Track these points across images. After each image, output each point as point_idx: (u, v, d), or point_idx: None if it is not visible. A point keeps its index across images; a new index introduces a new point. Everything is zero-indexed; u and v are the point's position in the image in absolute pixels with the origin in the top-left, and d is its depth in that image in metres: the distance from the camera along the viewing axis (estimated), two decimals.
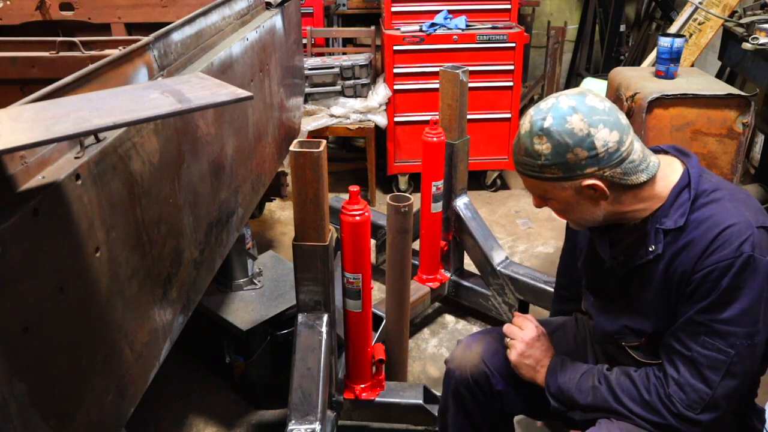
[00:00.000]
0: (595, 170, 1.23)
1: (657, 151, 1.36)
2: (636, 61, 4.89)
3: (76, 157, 1.07)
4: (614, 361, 1.48)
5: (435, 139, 2.49)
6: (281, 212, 3.87)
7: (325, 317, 1.85)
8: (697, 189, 1.27)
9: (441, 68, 2.52)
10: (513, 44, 3.73)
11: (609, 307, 1.45)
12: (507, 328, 1.55)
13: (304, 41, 4.01)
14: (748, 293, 1.19)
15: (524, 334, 1.51)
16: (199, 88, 1.07)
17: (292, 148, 1.65)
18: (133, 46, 1.37)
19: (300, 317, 1.86)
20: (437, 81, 2.55)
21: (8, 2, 2.57)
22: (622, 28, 4.97)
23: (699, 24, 3.05)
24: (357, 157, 4.28)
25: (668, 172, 1.30)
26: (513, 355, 1.50)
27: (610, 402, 1.34)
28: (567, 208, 1.32)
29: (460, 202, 2.69)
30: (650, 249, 1.29)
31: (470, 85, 2.69)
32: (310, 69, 3.71)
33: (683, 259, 1.24)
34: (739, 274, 1.18)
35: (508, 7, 3.86)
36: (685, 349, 1.25)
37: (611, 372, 1.38)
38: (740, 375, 1.23)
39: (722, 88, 2.39)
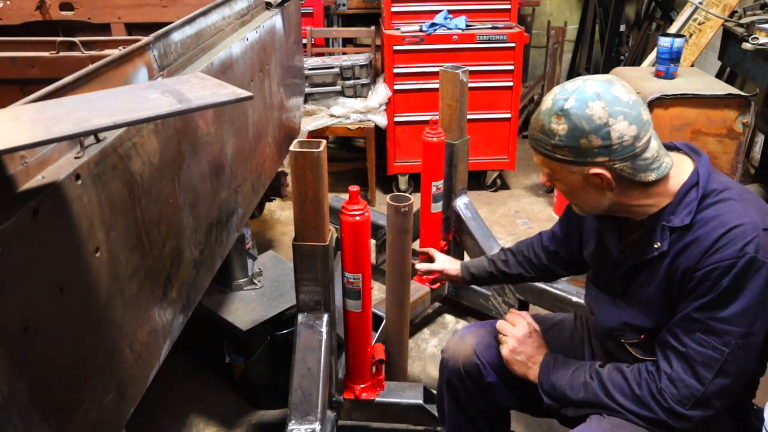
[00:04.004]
0: (606, 160, 1.23)
1: (670, 147, 1.36)
2: (636, 61, 4.89)
3: (76, 157, 1.07)
4: (612, 359, 1.48)
5: (435, 139, 2.49)
6: (281, 212, 3.87)
7: (325, 317, 1.85)
8: (705, 188, 1.27)
9: (441, 68, 2.52)
10: (513, 44, 3.73)
11: (611, 303, 1.45)
12: (500, 324, 1.56)
13: (304, 41, 4.01)
14: (747, 294, 1.19)
15: (516, 330, 1.52)
16: (199, 88, 1.07)
17: (292, 148, 1.65)
18: (133, 46, 1.37)
19: (300, 317, 1.86)
20: (437, 81, 2.55)
21: (8, 2, 2.57)
22: (622, 28, 4.97)
23: (699, 24, 3.05)
24: (357, 157, 4.28)
25: (679, 170, 1.30)
26: (504, 351, 1.52)
27: (602, 397, 1.34)
28: (572, 191, 1.32)
29: (460, 202, 2.69)
30: (656, 246, 1.30)
31: (470, 85, 2.69)
32: (310, 69, 3.71)
33: (687, 255, 1.24)
34: (740, 274, 1.18)
35: (508, 7, 3.86)
36: (680, 345, 1.26)
37: (603, 368, 1.39)
38: (733, 374, 1.23)
39: (722, 88, 2.39)
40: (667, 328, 1.29)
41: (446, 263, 1.96)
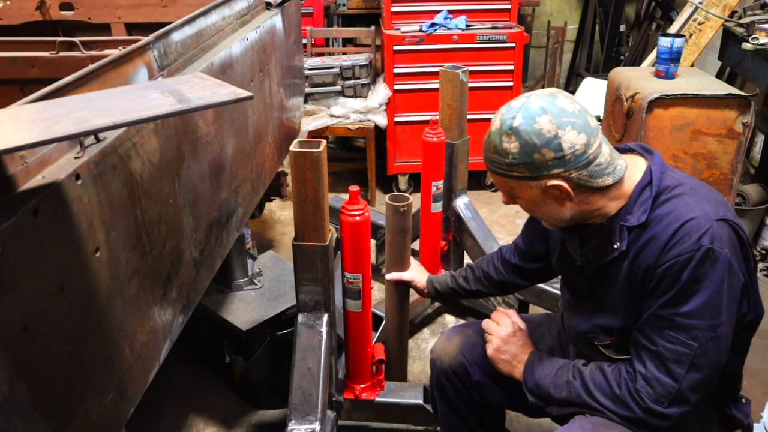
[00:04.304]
0: (561, 171, 1.24)
1: (623, 150, 1.39)
2: (636, 61, 4.90)
3: (76, 157, 1.07)
4: (592, 360, 1.48)
5: (435, 139, 2.49)
6: (281, 212, 3.87)
7: (325, 317, 1.85)
8: (659, 186, 1.29)
9: (441, 68, 2.52)
10: (513, 44, 3.73)
11: (581, 307, 1.46)
12: (485, 323, 1.57)
13: (304, 41, 4.01)
14: (708, 286, 1.20)
15: (500, 329, 1.52)
16: (199, 88, 1.07)
17: (292, 148, 1.65)
18: (133, 46, 1.37)
19: (300, 317, 1.86)
20: (437, 81, 2.55)
21: (8, 2, 2.57)
22: (622, 28, 4.97)
23: (699, 24, 3.05)
24: (357, 157, 4.28)
25: (634, 170, 1.32)
26: (489, 350, 1.53)
27: (584, 397, 1.35)
28: (533, 206, 1.34)
29: (460, 202, 2.69)
30: (615, 246, 1.31)
31: (470, 85, 2.69)
32: (310, 69, 3.71)
33: (646, 254, 1.26)
34: (698, 267, 1.19)
35: (508, 7, 3.86)
36: (650, 344, 1.27)
37: (586, 367, 1.40)
38: (706, 367, 1.24)
39: (722, 88, 2.39)
40: (637, 327, 1.30)
41: (415, 274, 2.02)
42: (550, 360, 1.45)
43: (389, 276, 1.91)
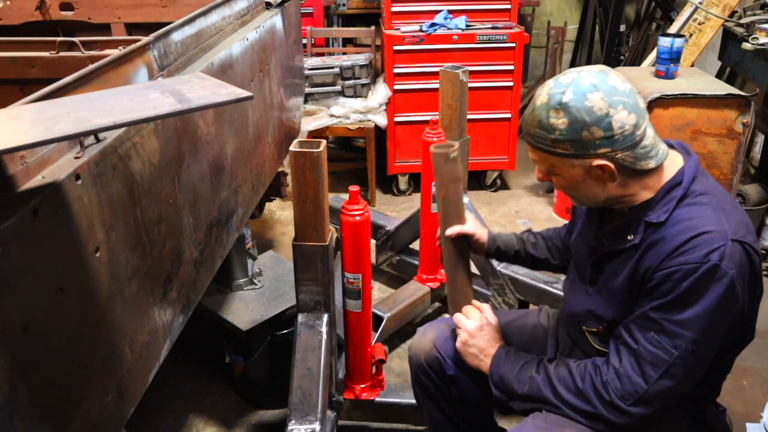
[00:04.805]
0: (608, 151, 1.22)
1: (666, 144, 1.36)
2: (636, 61, 4.89)
3: (76, 157, 1.07)
4: (575, 348, 1.50)
5: (435, 139, 2.49)
6: (281, 212, 3.87)
7: (325, 317, 1.85)
8: (687, 188, 1.27)
9: (441, 68, 2.52)
10: (513, 44, 3.73)
11: (582, 290, 1.46)
12: (455, 317, 1.56)
13: (304, 41, 4.01)
14: (705, 301, 1.19)
15: (468, 323, 1.52)
16: (199, 88, 1.07)
17: (292, 148, 1.65)
18: (133, 46, 1.37)
19: (300, 317, 1.86)
20: (437, 81, 2.55)
21: (8, 2, 2.57)
22: (622, 28, 4.97)
23: (699, 24, 3.05)
24: (357, 157, 4.28)
25: (670, 165, 1.31)
26: (458, 343, 1.53)
27: (544, 392, 1.35)
28: (572, 185, 1.31)
29: None
30: (629, 238, 1.30)
31: (470, 85, 2.69)
32: (310, 69, 3.71)
33: (653, 254, 1.25)
34: (701, 279, 1.18)
35: (508, 7, 3.86)
36: (632, 341, 1.26)
37: (551, 363, 1.40)
38: (678, 378, 1.23)
39: (722, 88, 2.39)
40: (623, 323, 1.30)
41: (477, 227, 1.73)
42: (517, 355, 1.45)
43: (450, 230, 1.64)
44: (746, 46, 2.83)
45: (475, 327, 1.51)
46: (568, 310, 1.50)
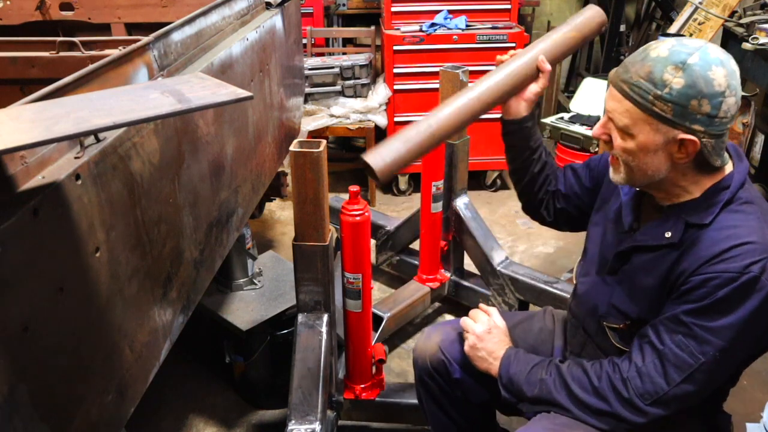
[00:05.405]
0: (701, 130, 1.16)
1: None
2: None
3: (76, 157, 1.07)
4: (587, 345, 1.47)
5: None
6: (281, 212, 3.87)
7: (325, 317, 1.85)
8: (733, 193, 1.24)
9: (441, 68, 2.52)
10: (513, 44, 3.73)
11: (600, 280, 1.43)
12: (462, 321, 1.56)
13: (304, 41, 4.01)
14: (740, 312, 1.18)
15: (476, 327, 1.52)
16: (199, 88, 1.07)
17: (292, 148, 1.65)
18: (133, 46, 1.37)
19: (300, 317, 1.86)
20: (437, 81, 2.55)
21: (8, 2, 2.57)
22: (622, 28, 4.97)
23: (699, 24, 3.05)
24: (357, 157, 4.27)
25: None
26: (466, 347, 1.53)
27: (554, 395, 1.34)
28: (641, 151, 1.22)
29: (460, 202, 2.69)
30: (666, 235, 1.27)
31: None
32: (310, 69, 3.71)
33: (692, 257, 1.23)
34: (739, 289, 1.17)
35: (508, 7, 3.85)
36: (658, 342, 1.25)
37: (564, 363, 1.39)
38: (700, 383, 1.23)
39: None
40: (651, 323, 1.29)
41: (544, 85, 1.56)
42: (527, 356, 1.45)
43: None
44: (746, 46, 2.83)
45: (483, 330, 1.50)
46: (590, 304, 1.45)
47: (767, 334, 1.26)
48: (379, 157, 1.37)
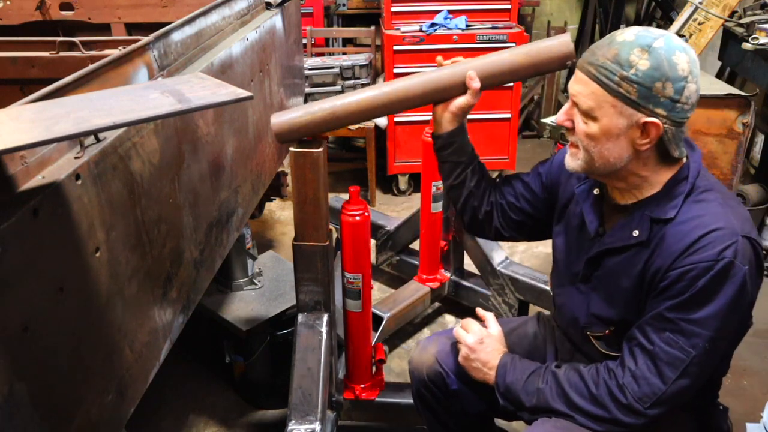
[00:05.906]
0: (663, 114, 1.19)
1: None
2: None
3: (76, 157, 1.07)
4: (576, 353, 1.47)
5: None
6: (281, 212, 3.87)
7: (325, 317, 1.85)
8: (693, 184, 1.26)
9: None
10: (513, 44, 3.73)
11: (575, 289, 1.43)
12: (455, 331, 1.54)
13: (304, 41, 4.01)
14: (721, 298, 1.19)
15: (468, 337, 1.49)
16: (199, 88, 1.07)
17: (292, 148, 1.65)
18: (133, 46, 1.37)
19: (300, 317, 1.86)
20: None
21: (8, 2, 2.57)
22: (622, 28, 4.98)
23: (699, 24, 3.05)
24: (357, 157, 4.28)
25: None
26: (459, 358, 1.51)
27: (552, 404, 1.33)
28: (603, 135, 1.23)
29: None
30: (634, 234, 1.28)
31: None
32: (310, 69, 3.71)
33: (663, 252, 1.23)
34: (716, 277, 1.18)
35: (508, 7, 3.86)
36: (647, 343, 1.25)
37: (560, 368, 1.38)
38: (695, 376, 1.23)
39: (722, 88, 2.39)
40: (636, 324, 1.29)
41: (473, 102, 1.59)
42: (522, 363, 1.43)
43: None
44: (746, 46, 2.83)
45: (475, 341, 1.48)
46: (569, 316, 1.47)
47: (749, 314, 1.28)
48: (282, 118, 1.55)
